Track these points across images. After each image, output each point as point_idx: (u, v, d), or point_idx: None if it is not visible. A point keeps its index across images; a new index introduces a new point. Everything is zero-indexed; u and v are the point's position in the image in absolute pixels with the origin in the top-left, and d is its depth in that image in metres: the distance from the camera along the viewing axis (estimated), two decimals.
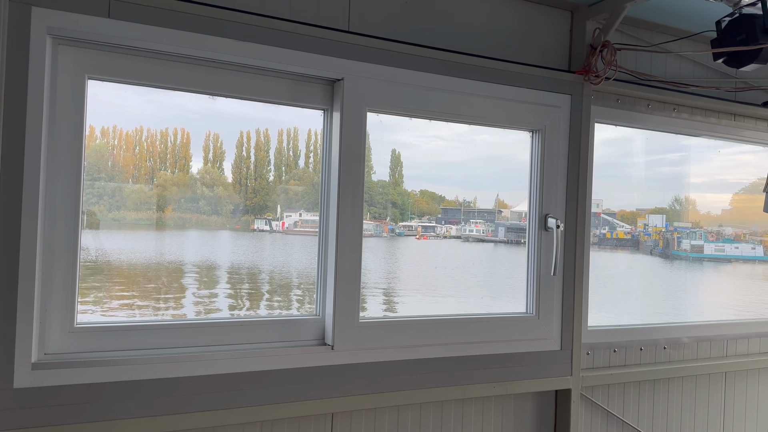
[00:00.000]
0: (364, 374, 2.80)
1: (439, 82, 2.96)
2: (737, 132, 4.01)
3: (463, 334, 3.05)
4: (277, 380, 2.64)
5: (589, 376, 3.41)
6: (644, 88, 3.56)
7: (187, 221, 2.78)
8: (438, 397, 2.99)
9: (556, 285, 3.29)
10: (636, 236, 4.06)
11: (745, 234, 4.35)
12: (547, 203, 3.27)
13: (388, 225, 3.39)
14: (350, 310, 2.75)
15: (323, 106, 2.82)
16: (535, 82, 3.21)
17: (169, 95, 2.51)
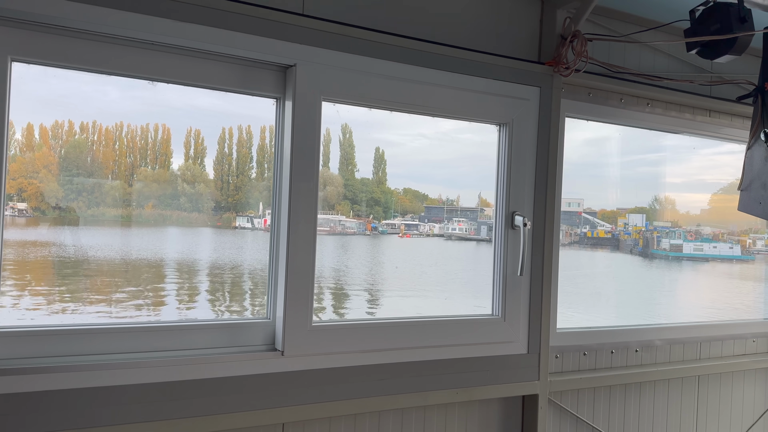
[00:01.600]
0: (318, 381, 2.63)
1: (401, 71, 2.79)
2: (713, 129, 3.90)
3: (425, 338, 2.89)
4: (222, 389, 2.46)
5: (557, 380, 3.27)
6: (617, 82, 3.43)
7: (167, 218, 2.72)
8: (398, 404, 2.83)
9: (523, 286, 3.14)
10: (616, 235, 4.07)
11: (723, 233, 4.39)
12: (514, 200, 3.12)
13: (371, 223, 3.33)
14: (302, 314, 2.57)
15: (275, 95, 2.64)
16: (503, 73, 3.05)
17: (151, 90, 2.44)
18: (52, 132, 2.53)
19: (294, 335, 2.55)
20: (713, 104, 3.79)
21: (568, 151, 3.26)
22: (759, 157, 3.11)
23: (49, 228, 2.59)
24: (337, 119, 2.88)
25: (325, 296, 3.16)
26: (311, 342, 2.59)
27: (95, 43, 2.28)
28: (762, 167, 3.09)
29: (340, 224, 3.29)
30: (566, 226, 3.79)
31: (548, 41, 3.19)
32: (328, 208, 3.19)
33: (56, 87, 2.35)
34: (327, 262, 3.32)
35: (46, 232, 2.59)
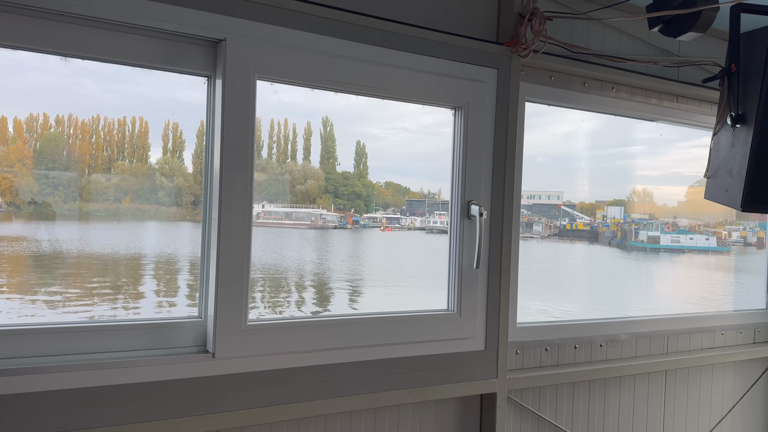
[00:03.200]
0: (255, 385, 2.42)
1: (346, 49, 2.59)
2: (681, 115, 3.76)
3: (375, 335, 2.71)
4: (147, 394, 2.24)
5: (517, 378, 3.10)
6: (580, 64, 3.26)
7: (145, 212, 2.69)
8: (345, 407, 2.64)
9: (480, 279, 2.96)
10: (595, 227, 4.07)
11: (699, 225, 4.43)
12: (470, 189, 2.93)
13: (352, 217, 3.28)
14: (235, 312, 2.36)
15: (205, 73, 2.42)
16: (458, 53, 2.86)
17: (131, 83, 2.36)
18: (26, 125, 2.47)
19: (226, 336, 2.35)
20: (680, 89, 3.65)
21: (547, 144, 3.16)
22: (725, 143, 2.97)
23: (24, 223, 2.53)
24: (315, 111, 2.81)
25: (304, 292, 3.11)
26: (246, 343, 2.39)
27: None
28: (728, 153, 2.95)
29: (321, 218, 3.24)
30: (546, 218, 3.81)
31: (506, 20, 3.01)
32: (309, 202, 3.12)
33: (33, 80, 2.28)
34: (307, 257, 3.33)
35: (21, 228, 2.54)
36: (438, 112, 3.02)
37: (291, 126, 2.95)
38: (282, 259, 3.31)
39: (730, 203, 2.91)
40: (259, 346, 2.42)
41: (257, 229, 2.93)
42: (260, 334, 2.43)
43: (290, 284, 3.25)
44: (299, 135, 2.97)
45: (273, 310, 3.10)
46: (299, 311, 3.23)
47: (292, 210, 3.22)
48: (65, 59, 2.22)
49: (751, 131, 2.76)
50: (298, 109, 2.78)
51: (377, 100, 2.85)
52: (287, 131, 2.96)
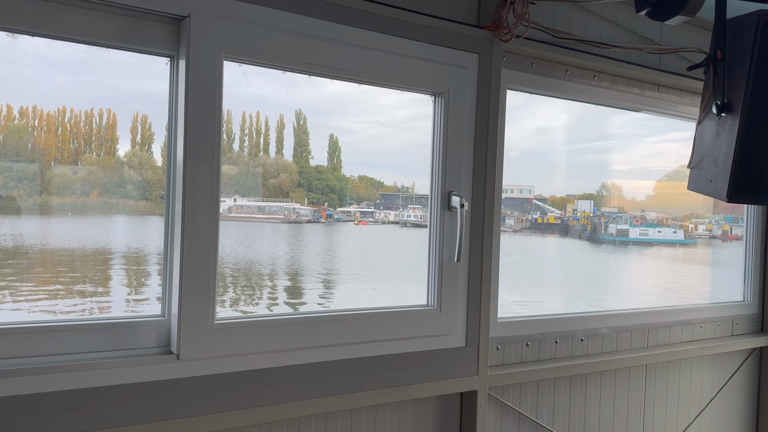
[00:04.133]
0: (222, 387, 2.27)
1: (321, 29, 2.43)
2: (662, 105, 3.70)
3: (351, 333, 2.57)
4: (105, 400, 2.08)
5: (498, 374, 3.00)
6: (562, 51, 3.16)
7: (113, 206, 2.62)
8: (320, 409, 2.50)
9: (461, 273, 2.85)
10: (565, 221, 4.10)
11: (667, 219, 4.48)
12: (451, 179, 2.81)
13: (326, 210, 3.24)
14: (201, 311, 2.20)
15: (168, 52, 2.24)
16: (438, 36, 2.73)
17: (98, 74, 2.28)
18: None
19: (191, 335, 2.18)
20: (662, 78, 3.58)
21: (519, 139, 3.11)
22: (710, 132, 2.90)
23: None
24: (288, 103, 2.73)
25: (277, 288, 3.04)
26: (213, 343, 2.23)
27: None
28: (713, 143, 2.87)
29: (295, 212, 3.19)
30: (518, 212, 3.82)
31: (488, 3, 2.88)
32: (283, 196, 3.08)
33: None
34: (280, 251, 3.28)
35: None
36: (413, 105, 2.94)
37: (263, 119, 2.88)
38: (254, 254, 3.23)
39: (715, 194, 2.84)
40: (227, 346, 2.26)
41: (229, 224, 2.92)
42: (228, 334, 2.27)
43: (263, 280, 3.14)
44: (272, 128, 2.90)
45: (245, 307, 2.98)
46: (272, 308, 3.12)
47: (265, 204, 3.15)
48: (12, 35, 2.02)
49: (737, 120, 2.68)
50: (271, 101, 2.71)
51: (351, 93, 2.76)
52: (259, 124, 2.88)
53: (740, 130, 2.67)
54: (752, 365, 4.15)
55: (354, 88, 2.75)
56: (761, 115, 2.64)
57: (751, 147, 2.66)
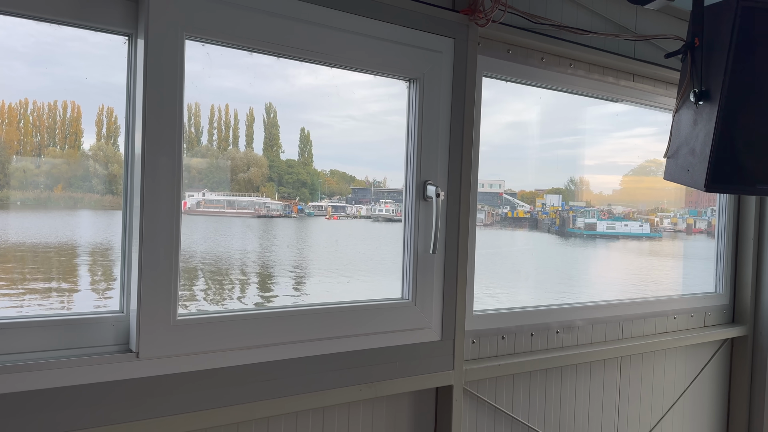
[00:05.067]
0: (186, 388, 2.14)
1: (289, 8, 2.31)
2: (637, 94, 3.67)
3: (323, 328, 2.47)
4: (59, 401, 1.94)
5: (473, 368, 2.93)
6: (538, 38, 3.09)
7: (78, 201, 2.54)
8: (290, 408, 2.39)
9: (436, 265, 2.76)
10: (535, 215, 4.15)
11: (633, 213, 4.53)
12: (426, 168, 2.72)
13: (297, 205, 3.19)
14: (162, 306, 2.07)
15: (125, 30, 2.09)
16: (413, 19, 2.63)
17: (63, 66, 2.20)
18: None
19: (152, 332, 2.05)
20: (637, 67, 3.54)
21: (491, 134, 3.09)
22: (687, 121, 2.86)
23: None
24: (257, 97, 2.66)
25: (247, 282, 2.97)
26: (175, 340, 2.10)
27: None
28: (690, 131, 2.84)
29: (265, 206, 3.13)
30: (488, 206, 3.83)
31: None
32: (253, 190, 3.02)
33: None
34: (250, 246, 3.21)
35: None
36: (385, 100, 2.87)
37: (232, 112, 2.80)
38: (224, 248, 3.14)
39: (692, 183, 2.80)
40: (190, 344, 2.13)
41: (198, 218, 2.85)
42: (192, 330, 2.14)
43: (233, 275, 3.04)
44: (241, 121, 2.82)
45: (213, 302, 2.88)
46: (242, 303, 3.01)
47: (235, 198, 3.06)
48: None
49: (715, 108, 2.65)
50: (240, 94, 2.64)
51: (323, 87, 2.67)
52: (228, 117, 2.80)
53: (718, 118, 2.64)
54: (724, 356, 4.17)
55: (326, 82, 2.69)
56: (740, 103, 2.61)
57: (729, 135, 2.63)
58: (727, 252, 4.18)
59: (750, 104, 2.62)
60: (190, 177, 2.84)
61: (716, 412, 4.18)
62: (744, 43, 2.55)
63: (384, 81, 2.80)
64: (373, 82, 2.82)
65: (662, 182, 4.43)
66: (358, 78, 2.76)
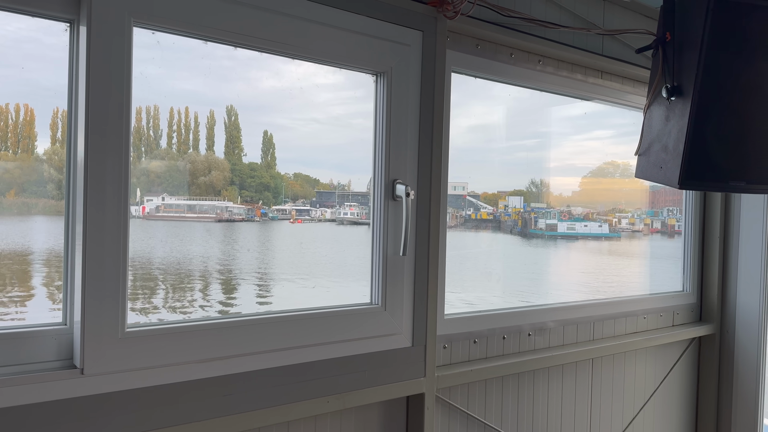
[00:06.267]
0: (136, 406, 1.96)
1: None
2: (604, 92, 3.63)
3: (288, 337, 2.31)
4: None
5: (445, 375, 2.82)
6: (507, 33, 3.00)
7: (32, 206, 2.44)
8: (252, 423, 2.23)
9: (406, 267, 2.64)
10: (497, 216, 4.16)
11: (592, 213, 4.59)
12: (395, 166, 2.60)
13: (260, 209, 3.11)
14: (109, 317, 1.89)
15: (66, 16, 1.91)
16: (379, 10, 2.51)
17: (16, 68, 2.09)
18: None
19: (98, 346, 1.87)
20: (605, 64, 3.50)
21: (453, 137, 3.00)
22: (658, 117, 2.81)
23: None
24: (218, 99, 2.55)
25: (208, 290, 2.87)
26: (124, 354, 1.92)
27: None
28: (662, 128, 2.79)
29: (227, 210, 3.04)
30: (452, 208, 3.83)
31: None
32: (214, 194, 2.94)
33: None
34: (212, 251, 3.12)
35: None
36: (349, 102, 2.78)
37: (192, 114, 2.69)
38: (185, 254, 3.02)
39: (665, 181, 2.75)
40: (142, 358, 1.95)
41: (157, 223, 2.74)
42: (143, 343, 1.97)
43: (194, 282, 2.90)
44: (202, 124, 2.72)
45: (172, 311, 2.73)
46: (204, 311, 2.86)
47: (196, 202, 2.98)
48: None
49: (688, 104, 2.60)
50: (200, 96, 2.56)
51: (286, 89, 2.57)
52: (188, 120, 2.70)
53: (692, 114, 2.58)
54: (692, 354, 4.17)
55: (289, 84, 2.60)
56: (713, 98, 2.56)
57: (703, 131, 2.58)
58: (694, 251, 4.18)
59: (722, 99, 2.58)
60: (149, 181, 2.76)
61: (685, 410, 4.18)
62: (717, 36, 2.51)
63: (349, 84, 2.72)
64: (338, 85, 2.74)
65: (619, 183, 4.61)
66: (323, 81, 2.69)
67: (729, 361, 4.11)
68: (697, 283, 4.19)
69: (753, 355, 3.98)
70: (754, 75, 2.57)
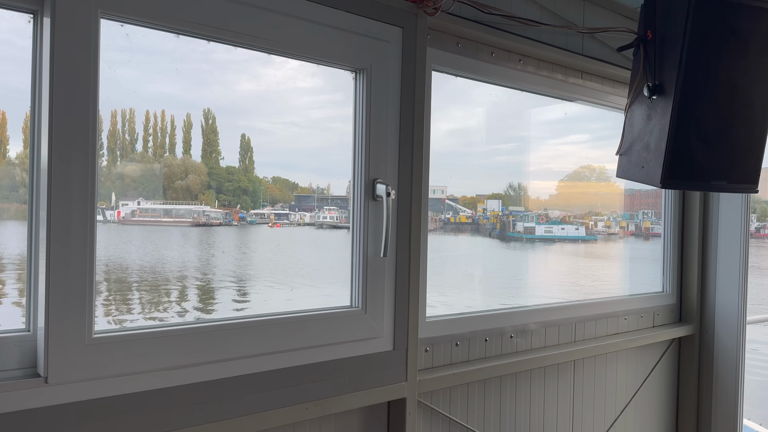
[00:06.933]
0: (105, 415, 1.87)
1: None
2: (584, 92, 3.61)
3: (266, 342, 2.23)
4: None
5: (427, 379, 2.76)
6: (488, 31, 2.97)
7: (5, 211, 2.41)
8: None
9: (387, 269, 2.58)
10: (476, 220, 4.19)
11: (569, 216, 4.65)
12: (376, 165, 2.54)
13: (238, 213, 3.08)
14: (74, 323, 1.79)
15: (30, 7, 1.82)
16: (359, 5, 2.45)
17: None
18: None
19: (63, 353, 1.77)
20: (585, 64, 3.48)
21: (434, 141, 2.99)
22: (640, 116, 2.79)
23: None
24: (195, 102, 2.50)
25: (185, 295, 2.82)
26: (92, 361, 1.83)
27: None
28: (643, 127, 2.77)
29: (205, 215, 3.01)
30: (432, 212, 3.80)
31: None
32: (191, 198, 2.90)
33: None
34: (188, 256, 3.11)
35: None
36: (328, 106, 2.75)
37: (169, 118, 2.65)
38: (161, 259, 2.99)
39: (647, 180, 2.73)
40: (110, 365, 1.86)
41: (132, 228, 2.77)
42: (112, 350, 1.87)
43: (170, 287, 2.84)
44: (178, 127, 2.68)
45: (148, 317, 2.66)
46: (180, 318, 2.79)
47: (172, 207, 2.92)
48: None
49: (670, 102, 2.58)
50: (177, 99, 2.52)
51: (264, 92, 2.53)
52: (165, 123, 2.66)
53: (674, 112, 2.57)
54: (672, 355, 4.17)
55: (268, 88, 2.56)
56: (695, 97, 2.55)
57: (685, 130, 2.57)
58: (674, 251, 4.18)
59: (704, 98, 2.57)
60: (125, 185, 2.72)
61: (666, 411, 4.17)
62: (698, 34, 2.49)
63: (328, 87, 2.68)
64: (317, 88, 2.70)
65: (595, 187, 4.67)
66: (302, 84, 2.64)
67: (709, 361, 4.11)
68: (676, 283, 4.19)
69: (732, 355, 4.00)
70: (736, 73, 2.57)
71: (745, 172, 2.69)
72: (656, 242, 4.34)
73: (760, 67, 2.60)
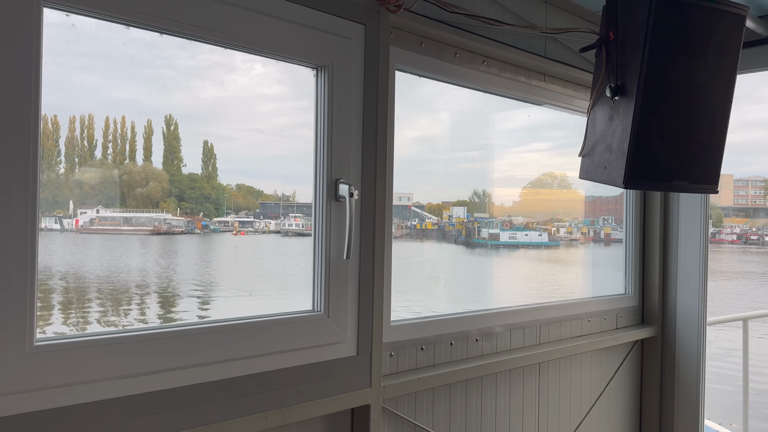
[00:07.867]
0: (48, 428, 1.75)
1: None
2: (547, 95, 3.62)
3: (223, 349, 2.14)
4: None
5: (392, 384, 2.69)
6: (451, 31, 2.94)
7: None
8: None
9: (351, 272, 2.51)
10: (442, 226, 4.21)
11: (532, 223, 4.76)
12: (338, 165, 2.47)
13: (201, 221, 3.03)
14: (14, 330, 1.67)
15: None
16: (321, 1, 2.38)
17: None
18: None
19: (1, 362, 1.65)
20: (548, 67, 3.49)
21: (399, 148, 2.97)
22: (602, 117, 2.80)
23: None
24: (157, 108, 2.47)
25: (145, 304, 2.78)
26: (34, 370, 1.70)
27: None
28: (606, 128, 2.78)
29: (166, 223, 2.96)
30: (398, 219, 3.85)
31: None
32: (152, 206, 2.86)
33: None
34: (149, 265, 3.05)
35: None
36: (293, 113, 2.69)
37: (129, 124, 2.61)
38: (120, 268, 2.92)
39: (610, 181, 2.73)
40: (53, 375, 1.74)
41: (90, 237, 2.71)
42: (56, 358, 1.75)
43: (130, 296, 2.78)
44: (138, 134, 2.64)
45: (103, 327, 2.57)
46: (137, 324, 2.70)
47: (132, 215, 2.87)
48: None
49: (632, 103, 2.59)
50: (137, 106, 2.47)
51: (228, 99, 2.48)
52: (125, 130, 2.61)
53: (636, 113, 2.58)
54: (635, 357, 4.20)
55: (231, 95, 2.52)
56: (657, 97, 2.56)
57: (647, 130, 2.57)
58: (635, 253, 4.22)
59: (666, 98, 2.59)
60: (83, 193, 2.65)
61: (630, 412, 4.19)
62: (659, 35, 2.51)
63: (293, 94, 2.62)
64: (282, 95, 2.66)
65: (557, 194, 4.73)
66: (266, 91, 2.60)
67: (671, 362, 4.16)
68: (638, 286, 4.23)
69: (693, 356, 4.04)
70: (696, 73, 2.59)
71: (706, 172, 2.72)
72: (617, 248, 4.39)
73: (720, 68, 2.63)
